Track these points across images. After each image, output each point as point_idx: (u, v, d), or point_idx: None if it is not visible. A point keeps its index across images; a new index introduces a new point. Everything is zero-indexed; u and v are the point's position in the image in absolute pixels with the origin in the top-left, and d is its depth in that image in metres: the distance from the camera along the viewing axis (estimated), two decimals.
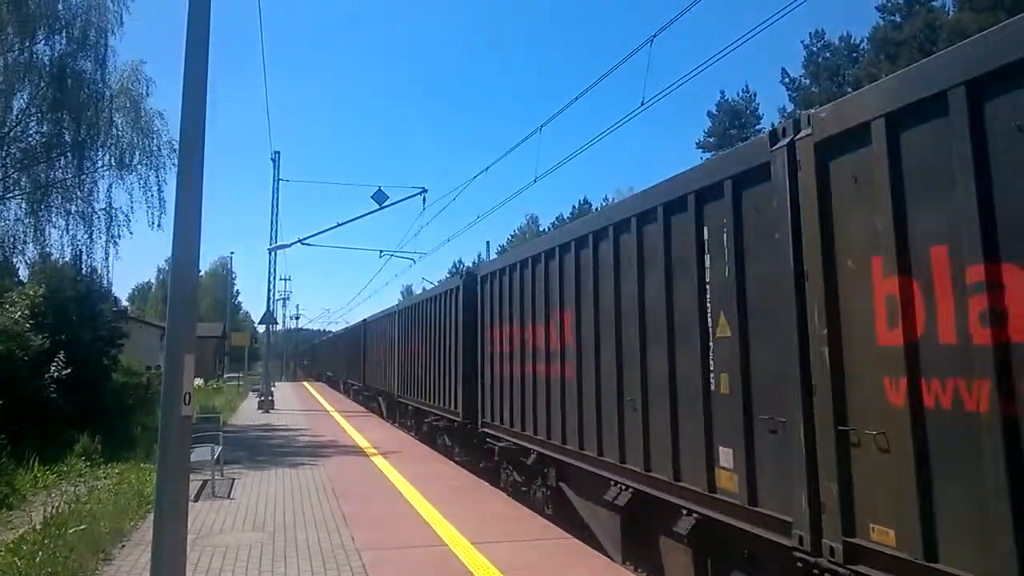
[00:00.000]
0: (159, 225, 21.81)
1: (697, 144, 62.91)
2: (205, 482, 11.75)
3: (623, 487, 7.70)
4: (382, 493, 11.60)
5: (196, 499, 10.82)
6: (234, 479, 12.59)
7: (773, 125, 6.52)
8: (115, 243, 21.37)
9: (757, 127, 58.11)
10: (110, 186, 21.45)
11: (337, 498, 11.11)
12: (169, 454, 4.98)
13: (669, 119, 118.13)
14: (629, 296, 7.62)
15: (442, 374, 16.47)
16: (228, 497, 11.24)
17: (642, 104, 11.86)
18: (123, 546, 8.31)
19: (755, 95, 61.65)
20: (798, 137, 5.21)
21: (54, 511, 9.02)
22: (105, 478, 12.96)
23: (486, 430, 13.04)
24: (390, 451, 16.49)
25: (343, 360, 42.21)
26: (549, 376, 9.86)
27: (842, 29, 65.20)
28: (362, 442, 18.56)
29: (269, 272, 43.09)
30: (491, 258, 40.74)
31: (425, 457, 16.10)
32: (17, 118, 19.96)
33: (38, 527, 8.34)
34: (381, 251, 40.42)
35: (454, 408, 15.18)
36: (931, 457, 4.12)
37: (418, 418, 20.13)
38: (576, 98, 14.67)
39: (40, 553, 7.05)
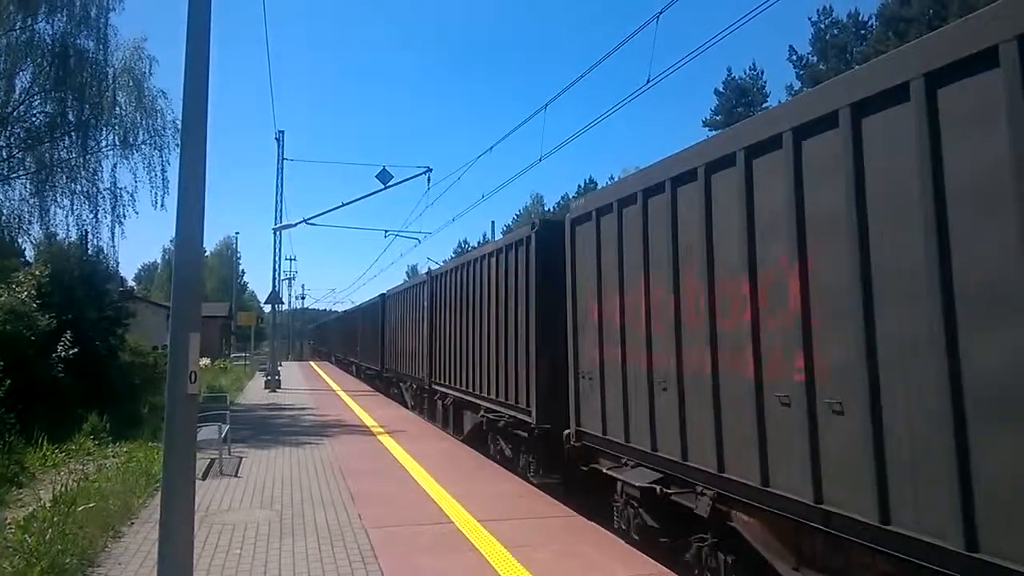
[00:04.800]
0: (163, 205, 21.76)
1: (704, 122, 62.52)
2: (213, 460, 11.81)
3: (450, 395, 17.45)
4: (388, 471, 11.65)
5: (204, 477, 10.88)
6: (241, 457, 12.67)
7: (780, 102, 6.49)
8: (120, 223, 21.35)
9: (764, 105, 57.67)
10: (114, 166, 21.36)
11: (344, 476, 11.17)
12: (176, 432, 4.99)
13: (676, 97, 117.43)
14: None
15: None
16: (235, 475, 11.31)
17: (648, 82, 11.79)
18: (132, 523, 8.38)
19: (762, 73, 61.08)
20: None
21: (63, 489, 9.04)
22: (113, 457, 13.01)
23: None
24: (396, 430, 16.57)
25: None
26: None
27: (850, 6, 64.52)
28: (368, 421, 18.64)
29: (274, 252, 43.02)
30: (496, 238, 40.66)
31: (430, 435, 16.18)
32: (20, 97, 19.87)
33: (47, 505, 8.38)
34: (386, 231, 40.40)
35: (376, 360, 28.84)
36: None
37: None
38: (581, 76, 14.58)
39: (50, 530, 7.07)
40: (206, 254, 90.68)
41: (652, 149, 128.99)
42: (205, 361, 41.23)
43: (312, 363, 63.83)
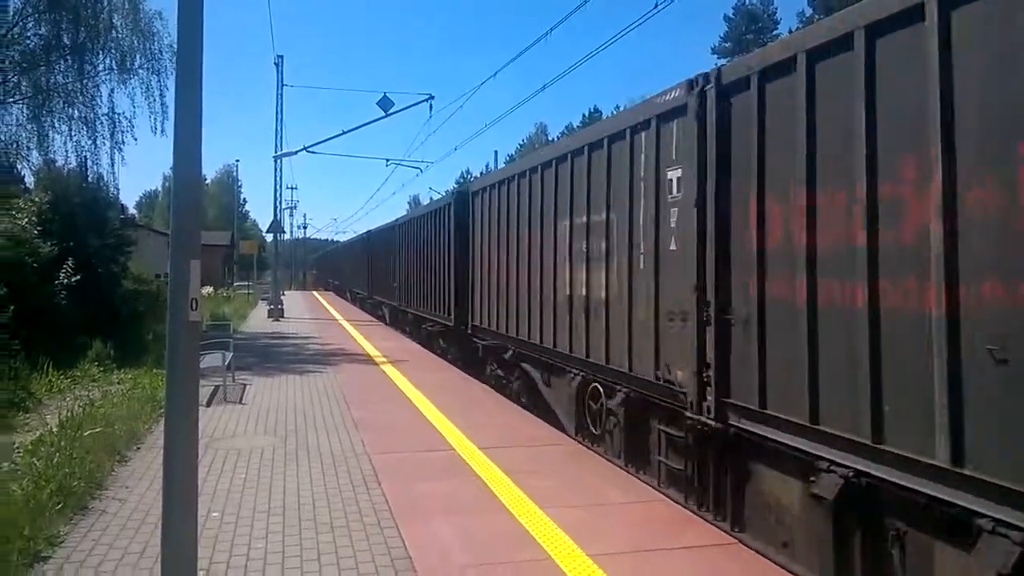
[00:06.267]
0: (162, 131, 21.47)
1: (712, 50, 61.43)
2: (217, 387, 11.92)
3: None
4: (391, 400, 11.78)
5: (208, 404, 11.01)
6: (245, 385, 12.79)
7: (791, 30, 6.30)
8: (119, 149, 21.21)
9: (775, 32, 56.44)
10: (112, 91, 21.05)
11: (348, 404, 11.29)
12: (178, 359, 4.99)
13: (684, 24, 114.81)
14: None
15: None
16: (240, 402, 11.43)
17: (656, 6, 11.48)
18: (138, 448, 8.50)
19: None
20: None
21: (69, 414, 9.15)
22: (118, 383, 13.13)
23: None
24: (398, 359, 16.69)
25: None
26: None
27: None
28: (371, 350, 18.78)
29: (275, 180, 42.78)
30: (499, 167, 40.32)
31: (433, 365, 16.31)
32: (13, 19, 19.39)
33: (54, 429, 8.49)
34: (388, 160, 40.12)
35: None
36: None
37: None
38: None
39: (57, 454, 7.19)
40: (206, 181, 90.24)
41: (659, 78, 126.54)
42: (208, 290, 41.46)
43: (315, 293, 64.10)
